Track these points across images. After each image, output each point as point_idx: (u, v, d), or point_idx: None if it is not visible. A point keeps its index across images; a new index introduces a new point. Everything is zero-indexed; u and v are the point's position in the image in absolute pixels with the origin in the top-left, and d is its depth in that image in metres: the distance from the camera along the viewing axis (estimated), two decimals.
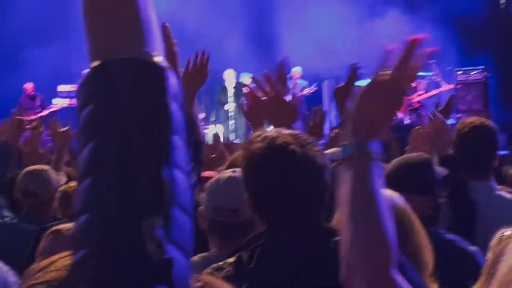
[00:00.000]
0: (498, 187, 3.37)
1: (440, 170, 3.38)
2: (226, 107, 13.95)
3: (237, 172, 2.42)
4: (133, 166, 0.86)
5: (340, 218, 1.54)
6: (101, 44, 0.97)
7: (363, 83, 10.69)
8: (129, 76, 0.91)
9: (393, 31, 15.02)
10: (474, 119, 3.44)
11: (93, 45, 0.97)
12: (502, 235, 1.81)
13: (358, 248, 1.45)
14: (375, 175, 1.50)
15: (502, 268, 1.24)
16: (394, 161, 3.25)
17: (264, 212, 1.98)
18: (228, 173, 2.50)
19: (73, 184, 3.86)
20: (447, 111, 4.48)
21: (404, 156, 3.49)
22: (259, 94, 2.71)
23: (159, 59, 0.93)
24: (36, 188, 3.79)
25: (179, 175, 0.88)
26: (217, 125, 15.50)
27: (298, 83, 15.02)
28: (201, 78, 2.93)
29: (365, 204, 1.47)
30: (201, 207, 2.48)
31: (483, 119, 3.44)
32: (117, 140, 0.88)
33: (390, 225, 1.46)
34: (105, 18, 0.96)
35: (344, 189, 1.51)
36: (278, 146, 1.90)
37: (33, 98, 13.91)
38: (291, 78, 14.89)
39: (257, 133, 2.00)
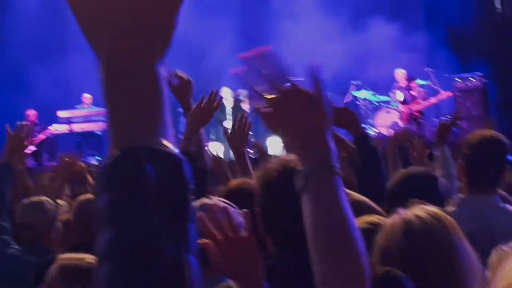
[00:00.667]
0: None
1: (444, 183, 3.36)
2: (224, 124, 13.95)
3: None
4: (155, 252, 0.89)
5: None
6: (123, 132, 0.96)
7: (359, 94, 10.55)
8: (151, 166, 0.92)
9: (382, 39, 15.08)
10: (485, 131, 3.42)
11: (115, 132, 0.97)
12: (501, 251, 1.77)
13: (332, 274, 1.39)
14: (341, 192, 1.40)
15: (500, 282, 1.20)
16: (398, 174, 3.23)
17: (274, 233, 1.98)
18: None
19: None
20: (455, 119, 4.49)
21: (408, 169, 3.47)
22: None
23: (175, 149, 0.96)
24: (32, 220, 3.78)
25: (194, 261, 0.92)
26: (216, 142, 15.51)
27: None
28: (208, 116, 3.05)
29: (336, 226, 1.38)
30: None
31: (493, 132, 3.42)
32: (141, 227, 0.90)
33: (362, 245, 1.39)
34: (130, 106, 0.96)
35: (310, 215, 1.42)
36: (291, 169, 1.91)
37: (33, 125, 13.93)
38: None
39: (275, 156, 2.03)
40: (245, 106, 14.05)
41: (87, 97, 14.84)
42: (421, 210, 1.97)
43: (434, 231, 1.91)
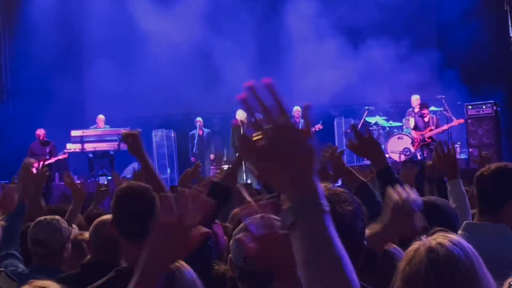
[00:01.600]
0: None
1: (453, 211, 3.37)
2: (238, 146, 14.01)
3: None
4: None
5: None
6: None
7: (372, 119, 10.55)
8: None
9: (393, 63, 15.15)
10: (499, 163, 3.45)
11: None
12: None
13: None
14: (330, 228, 1.40)
15: None
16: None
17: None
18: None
19: (85, 234, 3.87)
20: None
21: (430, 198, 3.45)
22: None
23: None
24: (46, 237, 3.79)
25: None
26: (229, 166, 15.54)
27: (300, 122, 15.05)
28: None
29: (328, 262, 1.38)
30: (230, 255, 2.48)
31: (504, 164, 3.44)
32: None
33: (354, 278, 1.38)
34: None
35: (300, 252, 1.41)
36: None
37: (44, 144, 14.04)
38: (292, 117, 14.92)
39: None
40: None
41: (101, 118, 14.95)
42: (444, 238, 1.99)
43: (457, 259, 1.91)
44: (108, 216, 3.66)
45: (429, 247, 1.96)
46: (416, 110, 14.17)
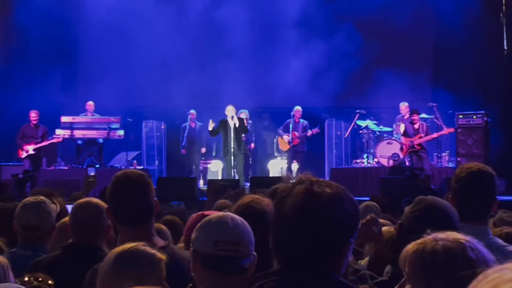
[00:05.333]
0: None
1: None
2: (227, 142, 13.93)
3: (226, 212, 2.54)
4: None
5: None
6: None
7: (363, 123, 10.58)
8: None
9: (388, 72, 15.20)
10: (472, 164, 3.44)
11: None
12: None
13: None
14: None
15: None
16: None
17: (282, 250, 1.97)
18: (220, 213, 2.54)
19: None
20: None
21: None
22: None
23: None
24: (37, 221, 3.80)
25: None
26: (218, 160, 15.53)
27: (300, 122, 15.09)
28: None
29: None
30: (192, 244, 2.48)
31: (480, 165, 3.45)
32: None
33: None
34: None
35: None
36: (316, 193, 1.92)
37: (36, 126, 13.98)
38: (293, 116, 14.98)
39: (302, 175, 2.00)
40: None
41: (90, 104, 14.90)
42: (451, 234, 2.00)
43: (466, 253, 1.91)
44: (85, 199, 3.70)
45: (434, 239, 1.97)
46: (406, 116, 14.24)
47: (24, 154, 13.69)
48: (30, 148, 13.63)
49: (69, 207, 4.34)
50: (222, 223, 2.41)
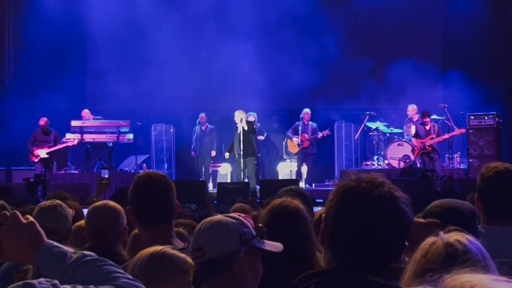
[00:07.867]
0: None
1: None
2: (237, 146, 13.88)
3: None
4: None
5: None
6: None
7: (373, 124, 10.53)
8: None
9: (399, 73, 15.16)
10: (498, 164, 3.40)
11: None
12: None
13: None
14: None
15: None
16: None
17: (338, 247, 1.94)
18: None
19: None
20: None
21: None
22: None
23: None
24: (54, 225, 3.76)
25: None
26: (228, 164, 15.49)
27: (309, 124, 15.03)
28: None
29: None
30: None
31: (506, 164, 3.41)
32: None
33: None
34: None
35: None
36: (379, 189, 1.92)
37: (47, 133, 13.94)
38: (302, 118, 14.91)
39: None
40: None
41: (87, 112, 14.87)
42: (461, 236, 1.99)
43: (474, 257, 1.91)
44: (101, 202, 3.66)
45: (447, 242, 1.94)
46: (415, 119, 14.18)
47: (36, 159, 13.68)
48: (43, 152, 13.61)
49: (85, 211, 4.31)
50: None
